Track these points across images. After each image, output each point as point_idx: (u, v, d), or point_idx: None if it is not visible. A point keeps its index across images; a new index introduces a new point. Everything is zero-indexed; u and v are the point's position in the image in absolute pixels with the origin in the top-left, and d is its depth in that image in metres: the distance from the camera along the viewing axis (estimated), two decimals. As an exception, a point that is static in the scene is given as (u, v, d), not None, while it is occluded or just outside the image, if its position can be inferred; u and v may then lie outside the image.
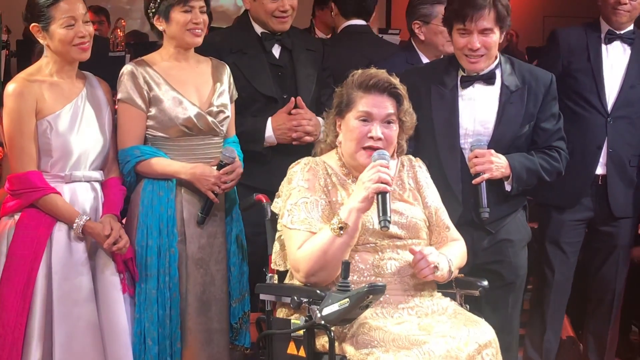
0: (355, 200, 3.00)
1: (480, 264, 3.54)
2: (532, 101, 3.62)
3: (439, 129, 3.57)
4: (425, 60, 4.18)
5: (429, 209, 3.25)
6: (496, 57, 3.61)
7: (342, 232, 2.97)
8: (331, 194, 3.14)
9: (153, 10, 3.44)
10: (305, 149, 3.59)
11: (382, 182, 2.96)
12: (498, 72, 3.61)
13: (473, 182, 3.48)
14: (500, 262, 3.61)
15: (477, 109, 3.60)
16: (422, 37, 4.19)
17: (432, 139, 3.57)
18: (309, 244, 3.01)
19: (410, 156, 3.35)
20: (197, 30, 3.42)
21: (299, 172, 3.17)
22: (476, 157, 3.48)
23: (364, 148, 3.13)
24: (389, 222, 2.95)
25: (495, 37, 3.52)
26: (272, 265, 3.24)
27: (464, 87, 3.60)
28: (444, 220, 3.26)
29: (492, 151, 3.51)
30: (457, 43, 3.55)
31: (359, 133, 3.13)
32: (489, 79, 3.59)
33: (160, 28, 3.45)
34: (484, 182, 3.47)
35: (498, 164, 3.49)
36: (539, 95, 3.63)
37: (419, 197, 3.26)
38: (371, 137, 3.12)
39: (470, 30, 3.48)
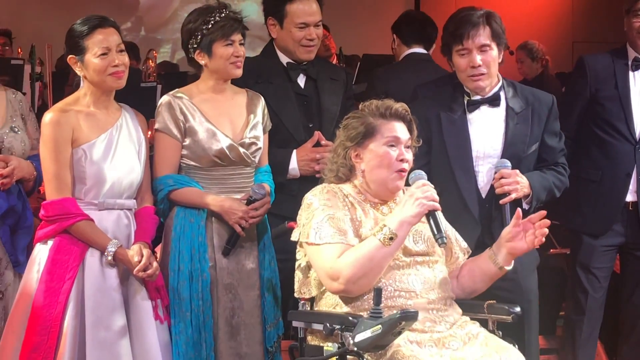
0: (407, 213, 3.05)
1: (490, 288, 3.51)
2: (537, 122, 3.69)
3: (453, 153, 3.64)
4: None
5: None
6: (498, 80, 3.69)
7: (391, 242, 3.01)
8: (351, 212, 3.18)
9: (195, 46, 3.49)
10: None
11: (434, 201, 3.05)
12: (502, 95, 3.69)
13: (501, 202, 3.53)
14: (510, 287, 3.57)
15: (485, 132, 3.66)
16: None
17: (447, 163, 3.64)
18: (352, 252, 3.04)
19: None
20: (238, 63, 3.50)
21: (318, 194, 3.21)
22: (502, 177, 3.53)
23: (396, 171, 3.18)
24: (446, 238, 3.06)
25: (494, 54, 3.61)
26: (297, 294, 3.27)
27: (471, 110, 3.67)
28: (457, 237, 3.36)
29: (517, 171, 3.57)
30: (459, 65, 3.64)
31: (391, 158, 3.18)
32: (494, 101, 3.67)
33: (202, 62, 3.51)
34: (509, 202, 3.52)
35: (522, 184, 3.56)
36: (542, 116, 3.71)
37: None
38: (401, 160, 3.18)
39: (470, 49, 3.58)
